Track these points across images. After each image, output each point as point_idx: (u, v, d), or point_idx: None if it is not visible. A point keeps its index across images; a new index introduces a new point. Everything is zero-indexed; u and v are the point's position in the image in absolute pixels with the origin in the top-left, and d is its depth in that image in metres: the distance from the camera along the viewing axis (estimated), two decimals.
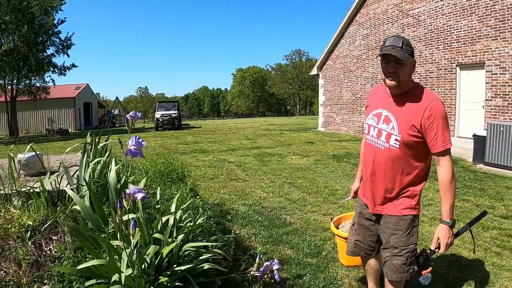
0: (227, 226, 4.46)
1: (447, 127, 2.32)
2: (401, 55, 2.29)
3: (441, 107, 2.31)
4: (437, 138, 2.30)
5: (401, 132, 2.38)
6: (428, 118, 2.29)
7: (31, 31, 26.10)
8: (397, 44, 2.32)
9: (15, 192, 2.64)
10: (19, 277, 2.05)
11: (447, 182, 2.32)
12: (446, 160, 2.34)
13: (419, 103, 2.35)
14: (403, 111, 2.40)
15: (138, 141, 2.26)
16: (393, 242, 2.49)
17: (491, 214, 5.50)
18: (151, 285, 1.98)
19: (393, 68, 2.35)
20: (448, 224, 2.33)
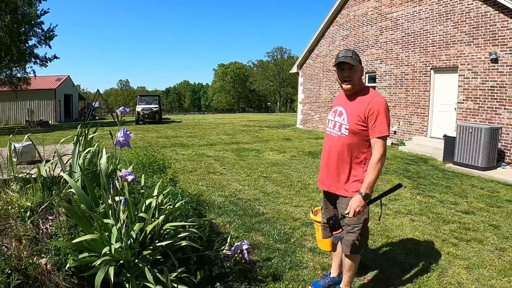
0: (203, 213, 4.77)
1: (385, 119, 2.80)
2: (353, 62, 2.84)
3: (381, 102, 2.83)
4: (375, 126, 2.79)
5: (349, 122, 2.89)
6: (370, 110, 2.80)
7: (14, 21, 25.79)
8: (348, 54, 2.88)
9: (13, 177, 2.93)
10: (19, 251, 2.34)
11: (373, 163, 2.79)
12: (379, 145, 2.81)
13: (365, 99, 2.87)
14: (352, 106, 2.92)
15: (126, 133, 2.56)
16: (347, 221, 2.92)
17: (453, 209, 5.89)
18: (136, 258, 2.31)
19: (347, 73, 2.89)
20: (361, 195, 2.78)
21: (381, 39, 14.57)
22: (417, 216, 5.54)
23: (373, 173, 2.78)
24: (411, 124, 13.25)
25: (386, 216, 5.47)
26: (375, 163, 2.78)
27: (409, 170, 8.92)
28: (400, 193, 6.73)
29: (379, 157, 2.78)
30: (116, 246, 2.17)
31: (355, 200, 2.78)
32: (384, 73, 14.46)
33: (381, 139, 2.81)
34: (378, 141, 2.81)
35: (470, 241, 4.61)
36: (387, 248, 4.37)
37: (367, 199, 2.80)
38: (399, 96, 13.75)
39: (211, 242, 3.39)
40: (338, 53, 2.98)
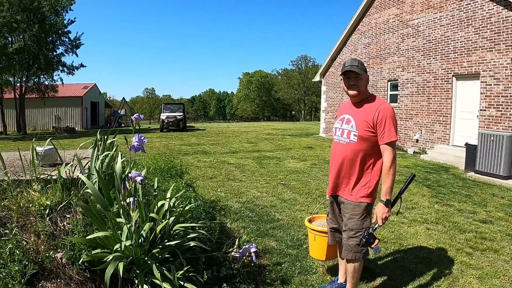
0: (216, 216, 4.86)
1: (393, 125, 2.90)
2: (358, 70, 2.96)
3: (389, 109, 2.93)
4: (384, 132, 2.88)
5: (358, 129, 2.97)
6: (378, 117, 2.89)
7: (42, 31, 26.71)
8: (354, 64, 3.00)
9: (35, 178, 3.12)
10: (37, 245, 2.51)
11: (386, 169, 2.87)
12: (389, 151, 2.89)
13: (372, 106, 2.97)
14: (360, 113, 3.01)
15: (140, 138, 2.72)
16: (350, 225, 2.98)
17: (471, 218, 5.83)
18: (146, 256, 2.44)
19: (354, 81, 3.01)
20: (383, 202, 2.87)
21: (402, 47, 14.51)
22: (433, 224, 5.51)
23: (388, 179, 2.87)
24: (433, 132, 13.12)
25: (402, 224, 5.46)
26: (388, 168, 2.87)
27: (429, 179, 8.84)
28: (418, 202, 6.73)
29: (390, 163, 2.87)
30: (126, 244, 2.31)
31: (379, 208, 2.88)
32: (406, 80, 14.38)
33: (390, 145, 2.90)
34: (387, 147, 2.90)
35: (485, 251, 4.55)
36: (399, 255, 4.37)
37: (389, 205, 2.88)
38: (421, 104, 13.64)
39: (221, 244, 3.49)
40: (344, 62, 3.10)
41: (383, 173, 2.90)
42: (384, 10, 15.55)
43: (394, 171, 2.88)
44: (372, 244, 2.92)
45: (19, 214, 2.76)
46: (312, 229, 3.68)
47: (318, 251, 3.69)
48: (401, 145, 14.54)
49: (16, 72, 27.43)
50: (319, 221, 3.92)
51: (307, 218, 3.94)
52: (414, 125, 14.02)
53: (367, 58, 16.77)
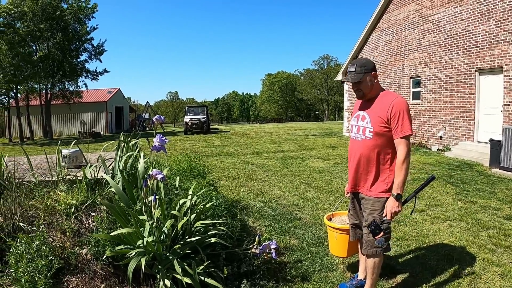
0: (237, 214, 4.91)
1: (408, 119, 2.90)
2: (353, 79, 3.01)
3: (403, 103, 2.93)
4: (398, 127, 2.89)
5: (373, 125, 2.99)
6: (392, 111, 2.90)
7: (65, 39, 27.44)
8: (352, 69, 3.05)
9: (61, 179, 3.26)
10: (63, 242, 2.64)
11: (400, 163, 2.89)
12: (403, 145, 2.90)
13: (386, 101, 2.98)
14: (374, 109, 3.03)
15: (162, 138, 2.82)
16: (370, 220, 2.97)
17: (495, 215, 5.72)
18: (167, 251, 2.53)
19: (355, 87, 3.07)
20: (394, 196, 2.87)
21: (423, 43, 14.32)
22: (456, 222, 5.45)
23: (401, 173, 2.87)
24: (457, 129, 12.90)
25: (424, 221, 5.42)
26: (401, 163, 2.87)
27: (453, 176, 8.72)
28: (441, 199, 6.65)
29: (404, 157, 2.87)
30: (148, 240, 2.40)
31: (390, 202, 2.89)
32: (428, 77, 14.19)
33: (404, 139, 2.90)
34: (402, 141, 2.90)
35: (509, 248, 4.47)
36: (420, 252, 4.34)
37: (400, 199, 2.89)
38: (444, 101, 13.44)
39: (242, 241, 3.56)
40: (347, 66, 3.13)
41: (396, 167, 2.90)
42: (404, 6, 15.38)
43: (408, 166, 2.88)
44: (377, 236, 2.93)
45: (46, 213, 2.89)
46: (333, 227, 3.70)
47: (339, 249, 3.70)
48: (425, 143, 14.36)
49: (41, 79, 28.22)
50: (338, 218, 3.93)
51: (326, 216, 3.94)
52: (438, 122, 13.82)
53: (389, 56, 16.63)
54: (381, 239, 2.93)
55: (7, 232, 2.67)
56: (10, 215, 2.76)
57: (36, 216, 2.84)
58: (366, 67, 3.03)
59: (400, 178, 2.87)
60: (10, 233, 2.67)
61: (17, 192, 2.98)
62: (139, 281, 2.55)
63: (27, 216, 2.80)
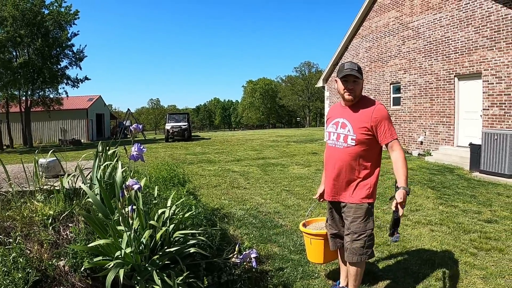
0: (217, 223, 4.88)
1: (391, 124, 2.99)
2: (358, 75, 2.97)
3: (383, 110, 3.00)
4: (386, 132, 2.95)
5: (356, 133, 3.00)
6: (375, 119, 2.95)
7: (45, 44, 27.02)
8: (354, 67, 3.01)
9: (38, 189, 3.20)
10: (41, 254, 2.57)
11: (402, 159, 2.94)
12: (396, 145, 2.98)
13: (367, 108, 3.01)
14: (355, 117, 3.04)
15: (140, 147, 2.78)
16: (353, 228, 3.00)
17: (476, 218, 5.81)
18: (146, 262, 2.49)
19: (352, 85, 3.02)
20: (405, 189, 2.86)
21: (403, 49, 14.54)
22: (437, 226, 5.50)
23: (404, 168, 2.92)
24: (437, 134, 13.10)
25: (405, 226, 5.46)
26: (403, 159, 2.94)
27: (433, 180, 8.83)
28: (422, 204, 6.73)
29: (403, 154, 2.97)
30: (127, 251, 2.36)
31: (400, 194, 2.84)
32: (408, 83, 14.39)
33: (396, 140, 2.99)
34: (395, 142, 2.98)
35: (490, 251, 4.53)
36: (402, 258, 4.37)
37: (408, 192, 2.90)
38: (424, 106, 13.64)
39: (222, 250, 3.52)
40: (343, 64, 3.10)
41: (401, 164, 2.92)
42: (384, 13, 15.61)
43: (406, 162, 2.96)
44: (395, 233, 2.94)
45: (23, 224, 2.82)
46: (307, 233, 3.68)
47: (316, 255, 3.69)
48: (406, 148, 14.53)
49: (21, 86, 27.72)
50: (314, 224, 3.92)
51: (302, 223, 3.92)
52: (418, 127, 14.02)
53: (369, 62, 16.81)
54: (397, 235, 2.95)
55: None
56: None
57: (13, 227, 2.78)
58: (362, 72, 3.08)
59: (405, 173, 2.90)
60: None
61: None
62: None
63: (3, 228, 2.73)
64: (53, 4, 28.23)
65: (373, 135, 2.97)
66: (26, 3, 25.67)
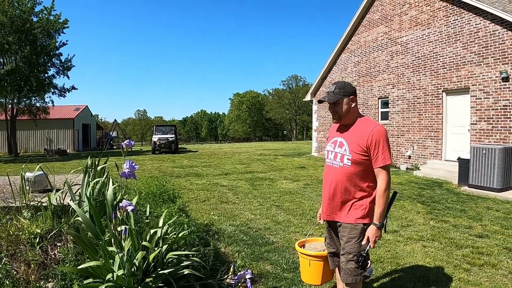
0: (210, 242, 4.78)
1: (387, 148, 2.86)
2: (329, 99, 2.99)
3: (382, 132, 2.88)
4: (378, 156, 2.85)
5: (352, 153, 2.93)
6: (372, 141, 2.85)
7: (33, 52, 26.70)
8: (331, 90, 3.02)
9: (25, 205, 3.07)
10: (28, 275, 2.46)
11: (381, 191, 2.83)
12: (383, 174, 2.86)
13: (365, 129, 2.93)
14: (353, 137, 2.97)
15: (132, 165, 2.70)
16: (348, 249, 2.92)
17: (467, 233, 5.81)
18: (139, 285, 2.38)
19: (332, 107, 3.03)
20: (377, 225, 2.83)
21: (392, 64, 14.67)
22: (429, 242, 5.48)
23: (382, 202, 2.83)
24: (426, 148, 13.18)
25: (397, 242, 5.42)
26: (382, 193, 2.83)
27: (423, 195, 8.84)
28: (413, 219, 6.70)
29: (385, 187, 2.83)
30: (118, 273, 2.25)
31: (372, 231, 2.83)
32: (396, 97, 14.50)
33: (385, 168, 2.86)
34: (382, 170, 2.86)
35: (483, 266, 4.52)
36: (396, 275, 4.31)
37: (382, 228, 2.85)
38: (412, 120, 13.74)
39: (215, 271, 3.42)
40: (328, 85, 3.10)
41: (377, 196, 2.85)
42: (373, 28, 15.76)
43: (388, 194, 2.85)
44: (366, 267, 2.88)
45: (9, 242, 2.70)
46: (306, 254, 3.57)
47: (313, 276, 3.57)
48: (394, 162, 14.58)
49: (7, 93, 27.30)
50: (310, 245, 3.82)
51: (297, 243, 3.80)
52: (406, 141, 14.09)
53: (357, 77, 16.92)
54: (370, 268, 2.90)
55: None
56: None
57: None
58: (345, 90, 3.00)
59: (382, 207, 2.82)
60: None
61: None
62: None
63: None
64: (42, 11, 27.96)
65: (369, 156, 2.90)
66: (15, 10, 25.41)
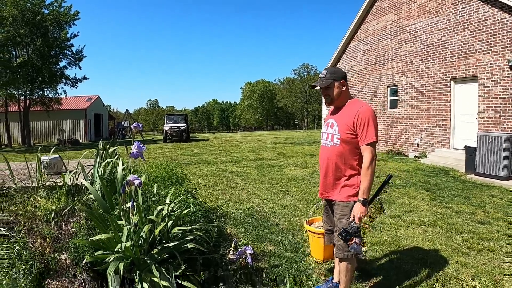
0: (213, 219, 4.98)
1: (373, 127, 3.03)
2: (320, 84, 3.20)
3: (368, 111, 3.07)
4: (363, 134, 3.03)
5: (340, 132, 3.14)
6: (358, 120, 3.04)
7: (45, 44, 27.09)
8: (322, 75, 3.23)
9: (41, 185, 3.29)
10: (43, 248, 2.68)
11: (365, 169, 3.01)
12: (368, 151, 3.03)
13: (353, 109, 3.13)
14: (342, 117, 3.17)
15: (140, 146, 2.88)
16: (340, 225, 3.12)
17: (469, 220, 5.90)
18: (145, 256, 2.59)
19: (324, 92, 3.24)
20: (360, 201, 2.98)
21: (401, 52, 14.66)
22: (431, 227, 5.59)
23: (366, 179, 2.99)
24: (434, 136, 13.21)
25: (399, 227, 5.55)
26: (366, 168, 2.99)
27: (428, 182, 8.93)
28: (416, 205, 6.81)
29: (369, 163, 2.99)
30: (127, 244, 2.45)
31: (356, 207, 2.98)
32: (405, 86, 14.51)
33: (370, 146, 3.02)
34: (367, 147, 3.02)
35: (482, 250, 4.62)
36: (395, 257, 4.45)
37: (366, 204, 2.99)
38: (421, 109, 13.75)
39: (218, 246, 3.63)
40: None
41: (362, 173, 3.02)
42: (382, 16, 15.72)
43: (373, 171, 3.00)
44: (348, 242, 2.99)
45: (26, 219, 2.92)
46: (310, 231, 3.80)
47: (316, 252, 3.81)
48: (402, 150, 14.64)
49: (20, 85, 27.77)
50: (317, 223, 4.04)
51: (306, 220, 4.05)
52: (415, 129, 14.12)
53: (366, 65, 16.93)
54: (353, 245, 2.99)
55: None
56: None
57: (17, 221, 2.88)
58: (335, 75, 3.18)
59: (365, 183, 2.98)
60: None
61: None
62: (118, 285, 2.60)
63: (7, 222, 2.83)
64: (53, 4, 28.30)
65: (357, 135, 3.08)
66: (26, 3, 25.77)
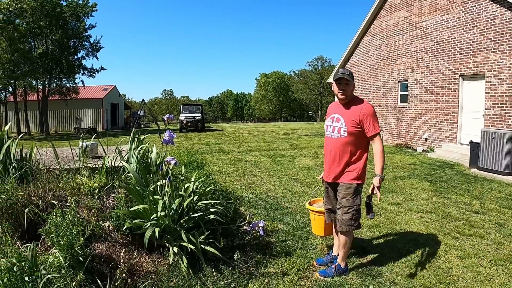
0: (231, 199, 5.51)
1: (376, 120, 3.69)
2: (349, 78, 3.70)
3: (370, 108, 3.70)
4: (370, 126, 3.65)
5: (347, 125, 3.72)
6: (363, 115, 3.65)
7: (64, 36, 27.85)
8: (346, 72, 3.74)
9: (83, 167, 3.86)
10: (89, 217, 3.24)
11: (379, 152, 3.66)
12: (377, 140, 3.68)
13: (357, 107, 3.72)
14: (348, 113, 3.75)
15: (171, 133, 3.42)
16: (344, 203, 3.70)
17: (465, 209, 6.31)
18: (175, 224, 3.15)
19: (344, 87, 3.74)
20: (381, 176, 3.61)
21: (412, 48, 14.98)
22: (427, 214, 6.04)
23: (382, 159, 3.64)
24: (441, 131, 13.55)
25: (398, 213, 6.03)
26: (381, 151, 3.64)
27: (432, 175, 9.31)
28: (417, 195, 7.25)
29: (382, 147, 3.66)
30: (161, 214, 3.01)
31: (376, 180, 3.58)
32: (415, 81, 14.84)
33: (378, 135, 3.66)
34: (376, 137, 3.66)
35: (471, 236, 5.04)
36: (390, 237, 4.97)
37: (383, 178, 3.61)
38: (430, 104, 14.09)
39: (234, 221, 4.22)
40: (337, 70, 3.82)
41: (378, 155, 3.64)
42: (394, 12, 16.02)
43: (384, 154, 3.64)
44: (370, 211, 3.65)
45: (73, 194, 3.48)
46: (312, 210, 4.34)
47: (318, 228, 4.35)
48: (411, 144, 15.02)
49: (39, 75, 28.59)
50: (318, 204, 4.56)
51: (308, 202, 4.58)
52: (423, 124, 14.48)
53: (378, 60, 17.25)
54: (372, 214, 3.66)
55: (42, 209, 3.26)
56: (44, 195, 3.35)
57: (64, 196, 3.44)
58: (353, 77, 3.78)
59: (382, 163, 3.63)
60: (43, 210, 3.26)
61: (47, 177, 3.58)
62: (151, 249, 3.17)
63: (57, 196, 3.40)
64: None
65: (361, 128, 3.66)
66: None
